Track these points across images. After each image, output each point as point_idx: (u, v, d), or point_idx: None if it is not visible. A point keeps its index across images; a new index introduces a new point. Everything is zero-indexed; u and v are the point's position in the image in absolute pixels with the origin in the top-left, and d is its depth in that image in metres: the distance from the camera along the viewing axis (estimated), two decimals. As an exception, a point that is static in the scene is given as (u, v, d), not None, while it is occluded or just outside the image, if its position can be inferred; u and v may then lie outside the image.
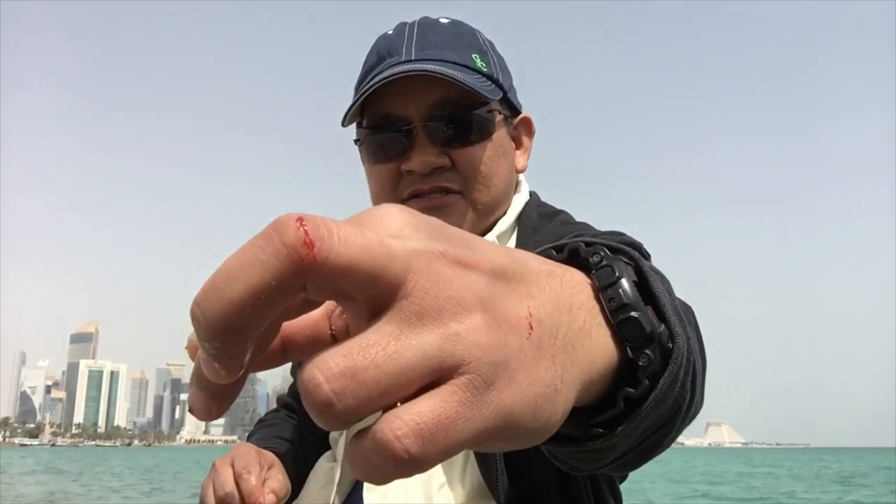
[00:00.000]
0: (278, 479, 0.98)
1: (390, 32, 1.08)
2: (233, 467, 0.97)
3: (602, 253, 0.49)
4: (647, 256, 0.71)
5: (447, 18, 1.09)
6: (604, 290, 0.46)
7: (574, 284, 0.43)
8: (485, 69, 1.04)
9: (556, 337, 0.37)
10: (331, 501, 1.03)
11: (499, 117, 1.06)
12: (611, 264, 0.47)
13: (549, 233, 1.06)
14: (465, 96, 1.00)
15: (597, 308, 0.45)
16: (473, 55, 1.04)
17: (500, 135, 1.06)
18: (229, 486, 0.95)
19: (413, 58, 1.01)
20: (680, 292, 1.22)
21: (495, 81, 1.05)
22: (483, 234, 1.10)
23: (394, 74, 0.96)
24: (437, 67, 0.97)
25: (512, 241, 1.10)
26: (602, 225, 1.15)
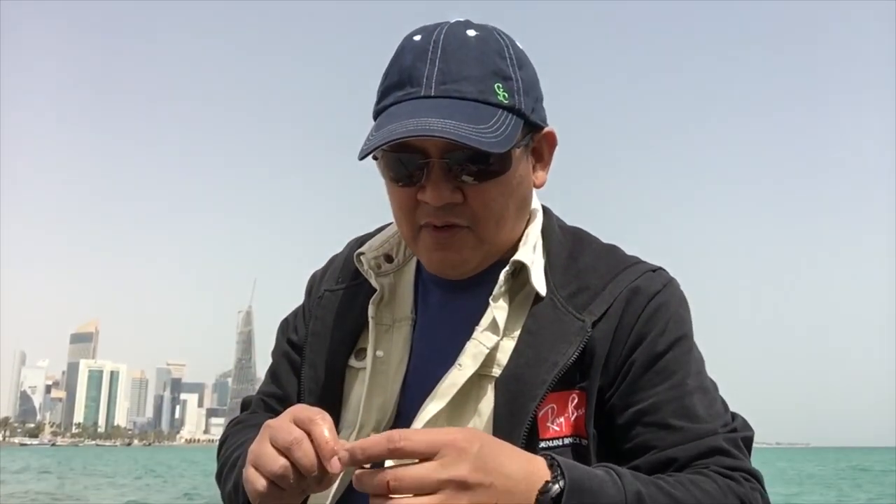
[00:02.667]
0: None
1: (417, 39, 1.04)
2: (293, 422, 0.86)
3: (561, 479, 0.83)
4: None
5: (475, 30, 1.04)
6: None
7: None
8: (506, 101, 1.01)
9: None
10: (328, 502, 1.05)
11: (516, 152, 1.04)
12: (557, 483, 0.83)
13: (602, 262, 1.09)
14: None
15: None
16: (496, 85, 1.01)
17: (515, 167, 1.05)
18: (296, 431, 0.84)
19: (432, 94, 0.99)
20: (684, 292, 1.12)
21: (517, 112, 1.02)
22: (501, 257, 1.09)
23: (409, 133, 0.96)
24: (452, 128, 0.95)
25: (539, 257, 1.11)
26: (607, 235, 1.16)
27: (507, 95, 1.01)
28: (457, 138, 0.95)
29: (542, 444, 0.99)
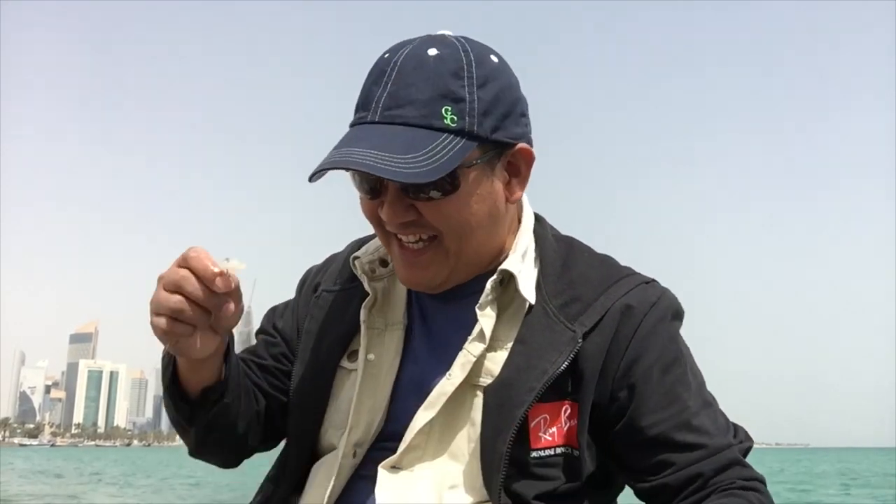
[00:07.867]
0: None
1: (385, 57, 1.05)
2: (176, 264, 0.94)
3: None
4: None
5: (438, 49, 1.03)
6: None
7: None
8: (453, 125, 0.99)
9: None
10: (327, 493, 1.07)
11: (470, 172, 1.03)
12: None
13: (595, 273, 1.10)
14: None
15: None
16: (445, 108, 0.99)
17: (470, 186, 1.03)
18: (181, 270, 0.93)
19: (377, 119, 1.00)
20: (681, 294, 1.09)
21: (466, 134, 1.00)
22: (491, 266, 1.10)
23: (332, 164, 0.97)
24: (372, 160, 0.95)
25: (529, 265, 1.11)
26: (597, 244, 1.17)
27: (455, 119, 1.00)
28: (371, 170, 0.95)
29: (534, 454, 1.02)
